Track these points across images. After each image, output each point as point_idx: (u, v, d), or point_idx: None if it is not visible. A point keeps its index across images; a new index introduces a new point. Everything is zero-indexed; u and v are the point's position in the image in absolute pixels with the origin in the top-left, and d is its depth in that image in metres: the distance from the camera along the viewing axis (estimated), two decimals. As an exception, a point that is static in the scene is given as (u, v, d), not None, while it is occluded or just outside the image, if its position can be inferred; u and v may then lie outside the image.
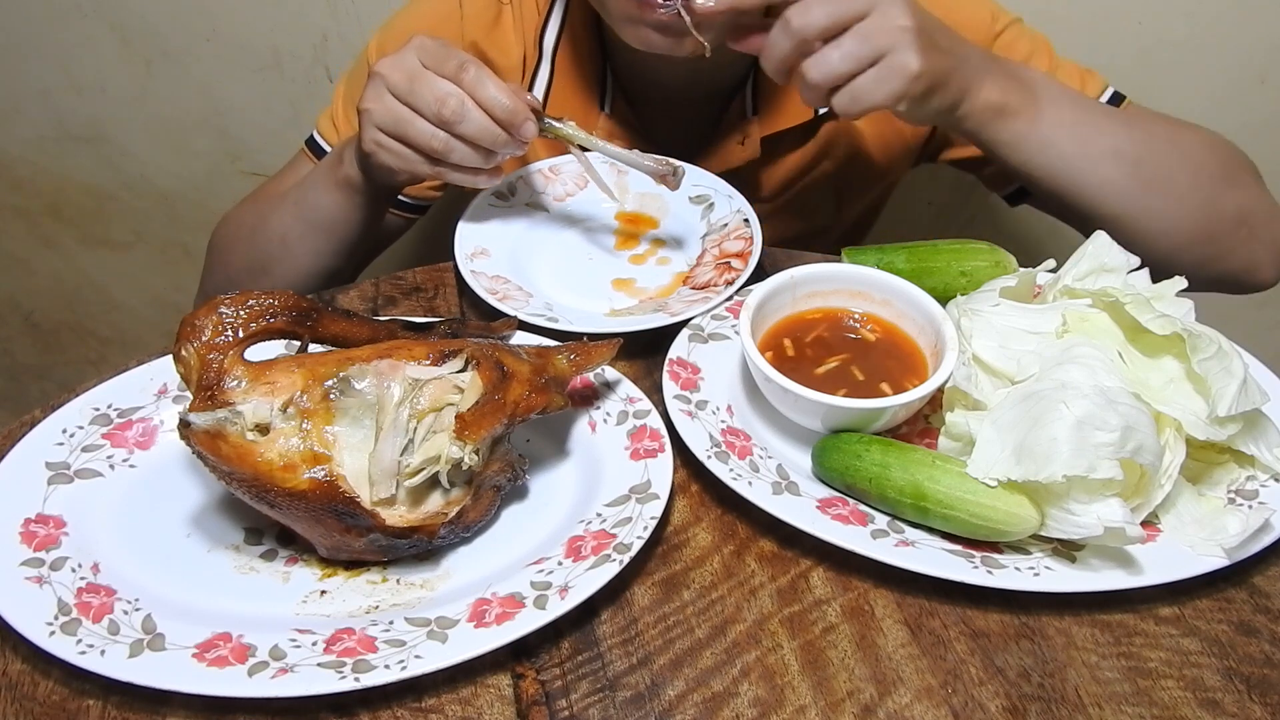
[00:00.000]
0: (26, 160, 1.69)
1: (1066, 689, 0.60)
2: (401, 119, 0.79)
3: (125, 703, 0.58)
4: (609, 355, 0.73)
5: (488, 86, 0.77)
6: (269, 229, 0.95)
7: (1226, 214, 0.89)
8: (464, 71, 0.77)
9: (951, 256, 0.82)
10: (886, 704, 0.59)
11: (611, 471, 0.69)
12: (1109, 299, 0.69)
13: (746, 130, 0.99)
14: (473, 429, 0.62)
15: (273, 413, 0.60)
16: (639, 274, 0.89)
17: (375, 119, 0.80)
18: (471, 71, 0.77)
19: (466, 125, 0.78)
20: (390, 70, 0.79)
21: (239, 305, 0.61)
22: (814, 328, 0.78)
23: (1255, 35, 1.25)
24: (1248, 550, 0.64)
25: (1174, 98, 1.29)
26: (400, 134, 0.79)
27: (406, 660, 0.57)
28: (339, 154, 0.90)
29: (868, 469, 0.67)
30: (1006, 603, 0.64)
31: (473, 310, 0.86)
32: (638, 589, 0.65)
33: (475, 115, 0.78)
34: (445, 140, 0.79)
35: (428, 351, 0.65)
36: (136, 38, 1.49)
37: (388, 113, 0.79)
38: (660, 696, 0.60)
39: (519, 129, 0.79)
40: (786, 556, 0.68)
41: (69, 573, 0.62)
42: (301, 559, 0.66)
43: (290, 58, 1.47)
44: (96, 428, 0.70)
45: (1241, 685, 0.61)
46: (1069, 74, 0.98)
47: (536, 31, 0.99)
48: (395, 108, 0.79)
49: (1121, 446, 0.61)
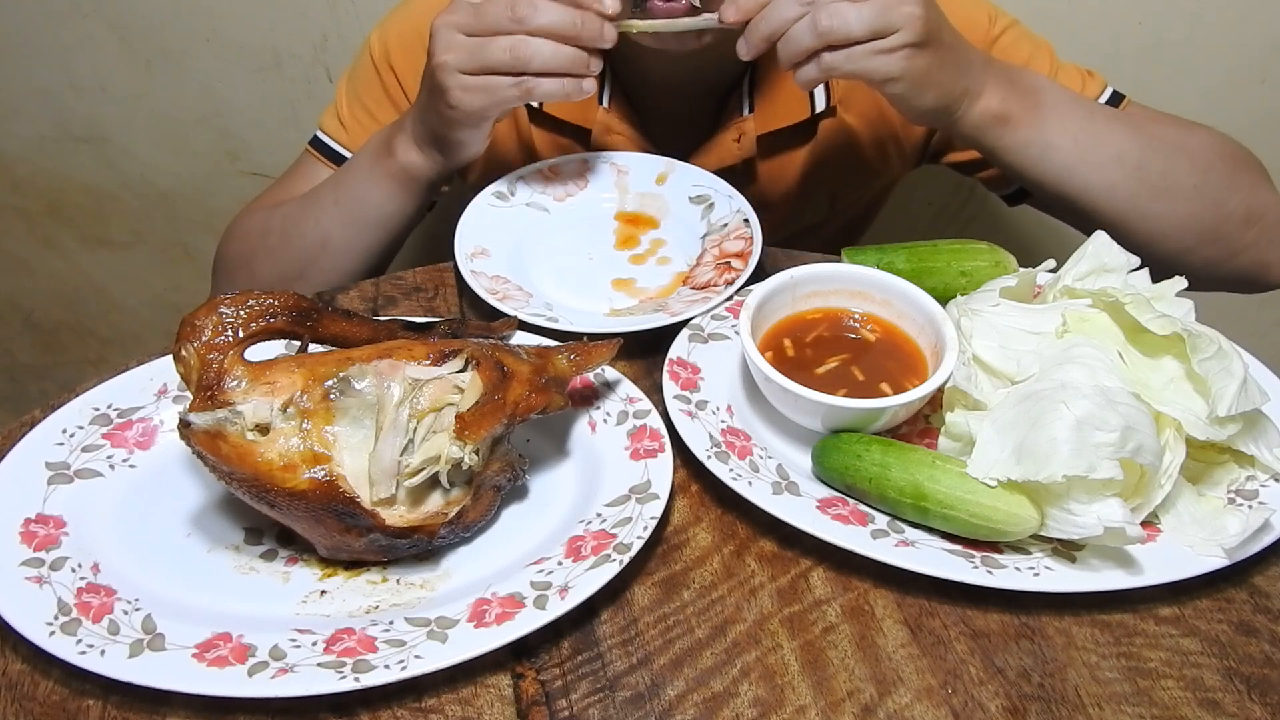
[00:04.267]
0: (26, 160, 1.69)
1: (1066, 689, 0.60)
2: (478, 47, 0.77)
3: (125, 703, 0.58)
4: (609, 355, 0.73)
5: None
6: (303, 233, 0.94)
7: (1234, 214, 0.89)
8: None
9: (951, 256, 0.82)
10: (886, 704, 0.59)
11: (611, 471, 0.69)
12: (1109, 299, 0.69)
13: (742, 128, 0.99)
14: (473, 429, 0.62)
15: (273, 413, 0.60)
16: (639, 274, 0.89)
17: (454, 63, 0.78)
18: None
19: (542, 16, 0.76)
20: (450, 16, 0.79)
21: (239, 305, 0.61)
22: (814, 328, 0.78)
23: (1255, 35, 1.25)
24: (1248, 550, 0.64)
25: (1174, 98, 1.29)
26: (481, 63, 0.78)
27: (406, 660, 0.57)
28: (385, 146, 0.89)
29: (868, 469, 0.67)
30: (1006, 603, 0.64)
31: (473, 310, 0.86)
32: (638, 589, 0.65)
33: (547, 5, 0.76)
34: (526, 45, 0.77)
35: (428, 351, 0.65)
36: (136, 38, 1.49)
37: (463, 49, 0.78)
38: (660, 696, 0.60)
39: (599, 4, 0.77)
40: (786, 556, 0.68)
41: (69, 573, 0.62)
42: (301, 559, 0.66)
43: (290, 58, 1.47)
44: (96, 428, 0.70)
45: (1241, 685, 0.61)
46: (1070, 76, 0.98)
47: None
48: (468, 42, 0.78)
49: (1121, 446, 0.61)
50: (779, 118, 0.99)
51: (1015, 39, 0.98)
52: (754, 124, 0.99)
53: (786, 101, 0.99)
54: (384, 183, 0.89)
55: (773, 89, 0.98)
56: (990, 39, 0.97)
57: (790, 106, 0.99)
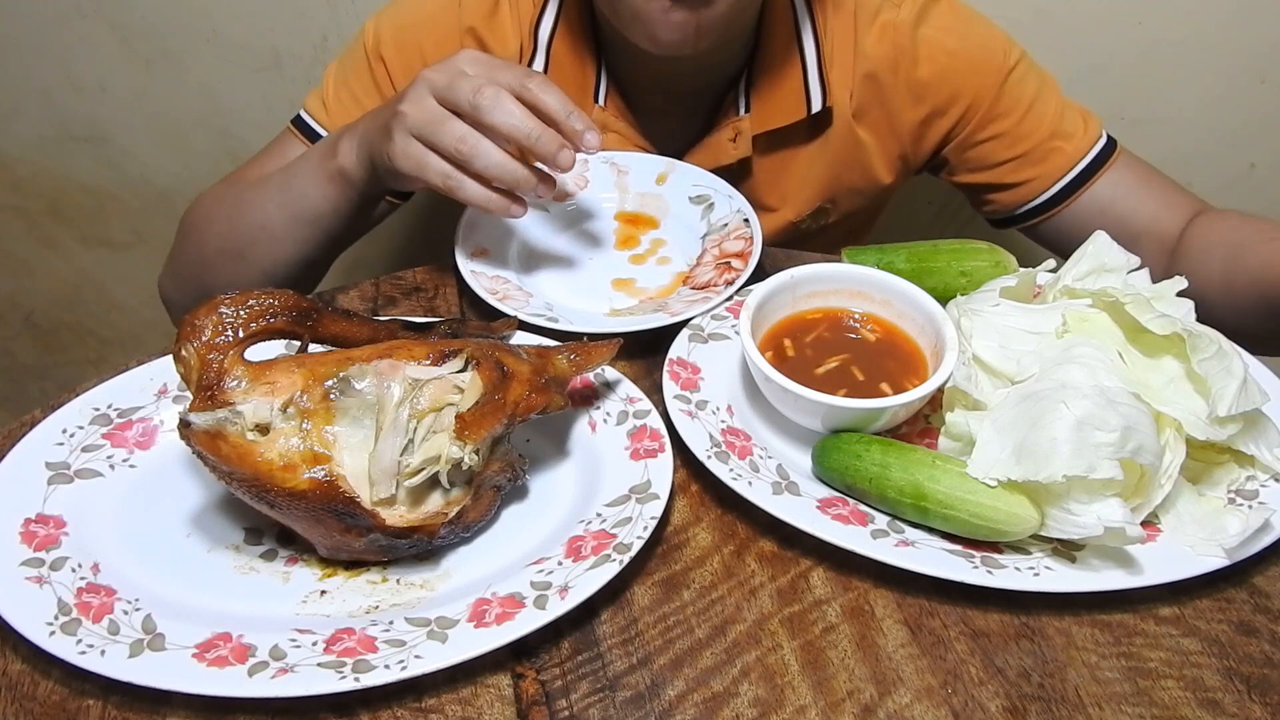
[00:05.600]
0: (26, 160, 1.69)
1: (1066, 689, 0.60)
2: (434, 120, 0.76)
3: (125, 703, 0.58)
4: (609, 355, 0.73)
5: (551, 90, 0.75)
6: (249, 213, 0.91)
7: None
8: (529, 78, 0.76)
9: (951, 256, 0.82)
10: (886, 704, 0.59)
11: (611, 471, 0.69)
12: (1109, 299, 0.69)
13: (738, 127, 0.99)
14: (473, 429, 0.62)
15: (273, 413, 0.60)
16: (639, 274, 0.89)
17: (409, 122, 0.76)
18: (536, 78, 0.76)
19: (499, 114, 0.74)
20: (435, 72, 0.77)
21: (239, 305, 0.61)
22: (814, 328, 0.78)
23: (1255, 35, 1.25)
24: (1248, 550, 0.64)
25: (1174, 98, 1.30)
26: (428, 137, 0.76)
27: (406, 660, 0.57)
28: (333, 145, 0.87)
29: (868, 469, 0.67)
30: (1006, 603, 0.64)
31: (473, 310, 0.86)
32: (638, 589, 0.65)
33: (509, 104, 0.74)
34: (476, 142, 0.75)
35: (428, 351, 0.65)
36: (136, 38, 1.49)
37: (423, 112, 0.76)
38: (660, 696, 0.60)
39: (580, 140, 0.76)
40: (786, 556, 0.68)
41: (69, 573, 0.62)
42: (301, 559, 0.66)
43: (290, 58, 1.47)
44: (96, 428, 0.70)
45: (1241, 685, 0.61)
46: (1073, 115, 0.99)
47: (532, 23, 0.98)
48: (431, 108, 0.76)
49: (1121, 446, 0.61)
50: (775, 117, 0.99)
51: (1025, 73, 0.99)
52: (750, 123, 0.99)
53: (783, 101, 0.98)
54: (324, 183, 0.87)
55: (769, 88, 0.98)
56: (1005, 70, 0.98)
57: (786, 106, 0.99)
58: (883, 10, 0.97)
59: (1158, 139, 1.31)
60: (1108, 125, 1.01)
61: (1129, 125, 1.30)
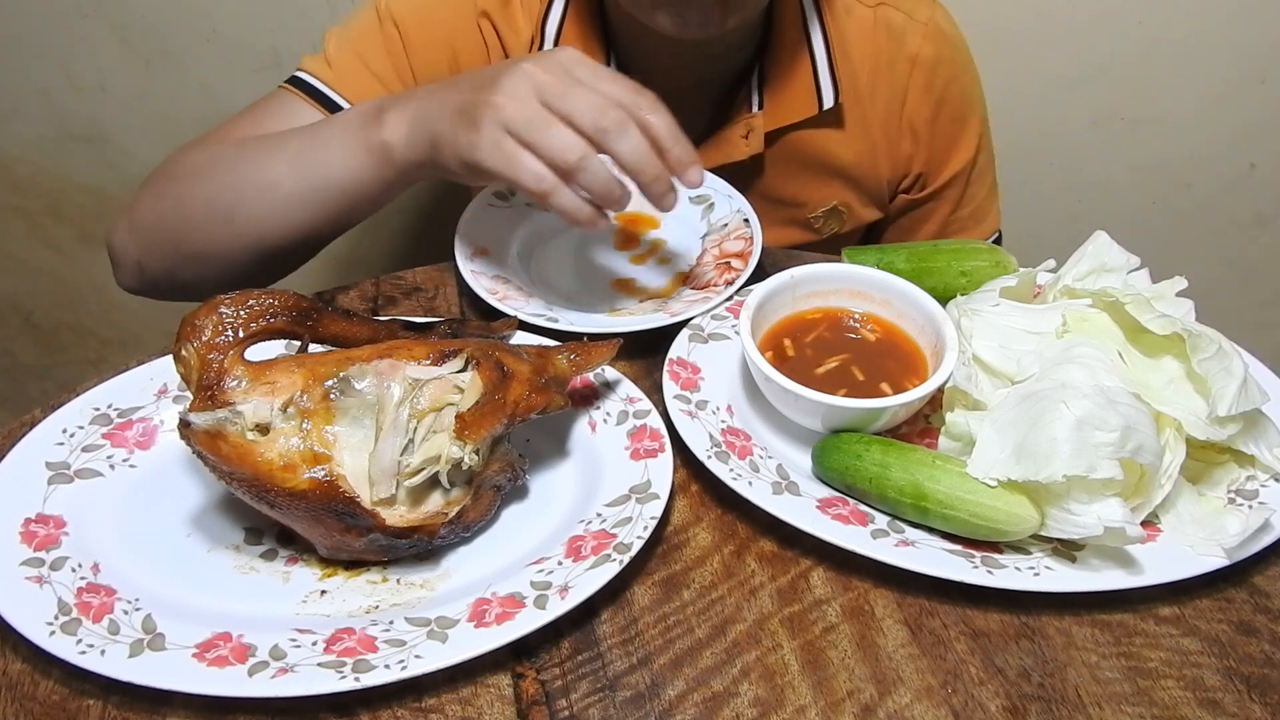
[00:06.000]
0: (26, 160, 1.69)
1: (1066, 689, 0.60)
2: (541, 122, 0.70)
3: (125, 703, 0.58)
4: (609, 355, 0.73)
5: (662, 113, 0.72)
6: (253, 172, 0.83)
7: None
8: (640, 95, 0.72)
9: (951, 256, 0.82)
10: (886, 704, 0.59)
11: (611, 471, 0.69)
12: (1109, 299, 0.70)
13: (751, 124, 0.98)
14: (473, 429, 0.62)
15: (273, 413, 0.60)
16: (639, 274, 0.89)
17: (505, 117, 0.70)
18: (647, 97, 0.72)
19: (625, 143, 0.70)
20: (538, 68, 0.71)
21: (239, 305, 0.61)
22: (814, 328, 0.78)
23: (1255, 35, 1.25)
24: (1248, 550, 0.64)
25: (1174, 98, 1.30)
26: (531, 139, 0.70)
27: (406, 660, 0.57)
28: (376, 115, 0.79)
29: (868, 469, 0.67)
30: (1006, 603, 0.64)
31: (473, 310, 0.85)
32: (638, 589, 0.65)
33: (635, 136, 0.71)
34: (589, 157, 0.70)
35: (428, 351, 0.65)
36: (136, 38, 1.49)
37: (525, 111, 0.70)
38: (660, 696, 0.60)
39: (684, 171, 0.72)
40: (786, 556, 0.68)
41: (69, 573, 0.61)
42: (301, 559, 0.66)
43: (290, 58, 1.47)
44: (96, 428, 0.70)
45: (1241, 685, 0.61)
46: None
47: (540, 14, 0.98)
48: (535, 109, 0.70)
49: (1121, 446, 0.61)
50: (788, 113, 0.98)
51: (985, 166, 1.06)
52: (763, 120, 0.98)
53: (795, 96, 0.98)
54: (356, 149, 0.79)
55: (781, 83, 0.98)
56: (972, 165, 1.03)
57: (798, 102, 0.98)
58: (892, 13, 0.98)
59: (1158, 139, 1.31)
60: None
61: (1129, 125, 1.30)
